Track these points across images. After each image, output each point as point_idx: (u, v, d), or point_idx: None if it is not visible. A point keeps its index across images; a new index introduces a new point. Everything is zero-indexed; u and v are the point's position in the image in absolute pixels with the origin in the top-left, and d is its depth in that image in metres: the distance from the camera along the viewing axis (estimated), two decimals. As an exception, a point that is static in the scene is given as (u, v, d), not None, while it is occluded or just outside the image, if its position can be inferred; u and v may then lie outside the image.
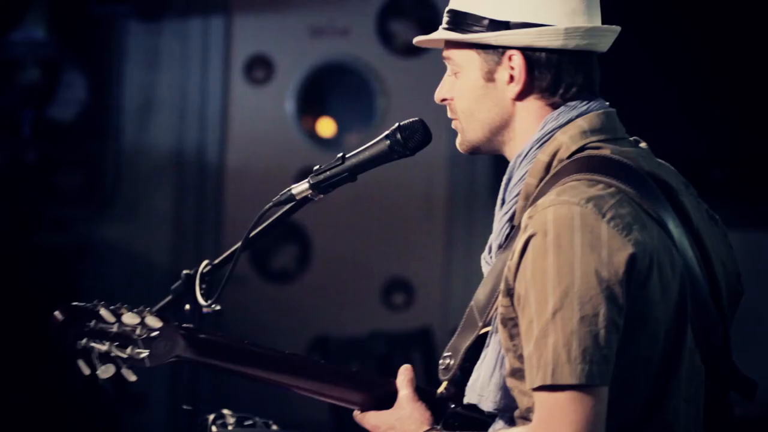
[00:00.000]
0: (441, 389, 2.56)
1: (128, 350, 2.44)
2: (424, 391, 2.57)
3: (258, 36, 7.16)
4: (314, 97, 7.26)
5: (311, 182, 2.73)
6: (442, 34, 2.49)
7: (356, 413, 2.58)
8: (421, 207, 7.14)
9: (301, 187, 2.74)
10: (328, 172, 2.72)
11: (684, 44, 6.65)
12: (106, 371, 2.46)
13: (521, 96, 2.43)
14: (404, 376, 2.57)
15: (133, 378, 2.47)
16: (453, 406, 2.53)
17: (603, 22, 2.47)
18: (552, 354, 2.21)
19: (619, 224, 2.26)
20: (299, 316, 7.10)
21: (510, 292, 2.31)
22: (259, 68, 7.16)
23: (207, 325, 2.95)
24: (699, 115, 6.72)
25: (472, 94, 2.47)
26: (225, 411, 3.13)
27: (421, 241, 7.14)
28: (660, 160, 2.48)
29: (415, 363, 6.73)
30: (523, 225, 2.32)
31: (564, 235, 2.24)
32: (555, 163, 2.38)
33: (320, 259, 7.20)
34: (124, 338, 2.45)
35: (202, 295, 2.93)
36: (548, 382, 2.21)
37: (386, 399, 2.56)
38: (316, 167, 2.74)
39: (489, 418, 2.46)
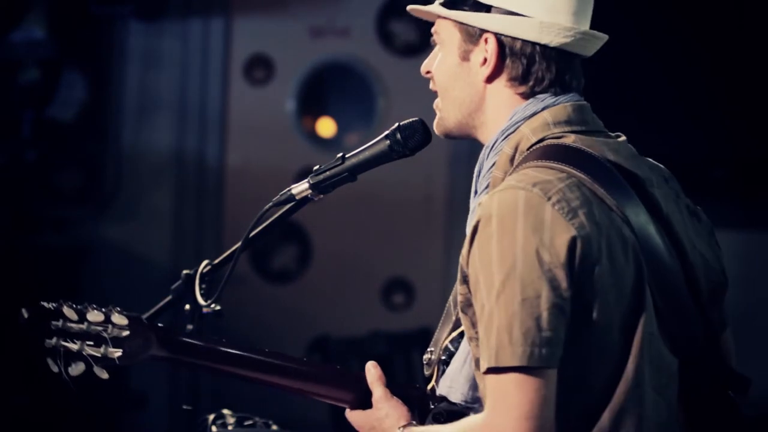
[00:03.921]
0: (431, 384, 2.57)
1: (101, 349, 2.43)
2: (399, 386, 2.58)
3: (258, 36, 7.16)
4: (314, 97, 7.26)
5: (311, 182, 2.74)
6: (432, 7, 2.54)
7: (347, 411, 2.60)
8: (421, 207, 7.14)
9: (301, 187, 2.75)
10: (328, 172, 2.73)
11: (684, 44, 6.65)
12: (75, 369, 2.44)
13: (491, 79, 2.47)
14: (372, 376, 2.57)
15: (105, 375, 2.45)
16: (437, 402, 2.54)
17: (600, 24, 2.49)
18: (496, 337, 2.23)
19: (564, 207, 2.28)
20: (299, 316, 7.10)
21: (465, 279, 2.34)
22: (259, 68, 7.16)
23: (207, 324, 2.96)
24: (699, 115, 6.72)
25: (449, 71, 2.52)
26: (225, 411, 3.13)
27: (421, 241, 7.15)
28: (643, 157, 2.49)
29: (415, 363, 6.74)
30: (474, 212, 2.35)
31: (508, 218, 2.26)
32: (517, 155, 2.42)
33: (320, 259, 7.20)
34: (94, 337, 2.44)
35: (202, 295, 2.93)
36: (492, 364, 2.22)
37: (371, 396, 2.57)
38: (316, 167, 2.75)
39: (465, 410, 2.48)
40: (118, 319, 2.44)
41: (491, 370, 2.23)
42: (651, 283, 2.33)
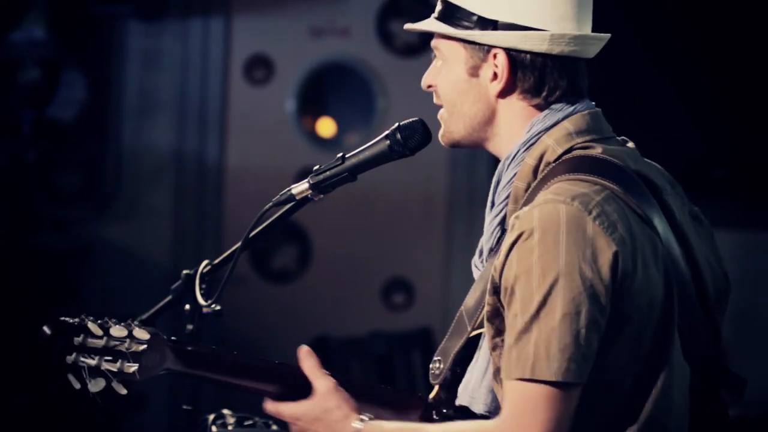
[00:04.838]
0: (433, 394, 2.56)
1: (118, 364, 2.42)
2: (400, 392, 2.57)
3: (258, 36, 7.16)
4: (314, 97, 7.26)
5: (311, 182, 2.73)
6: (431, 24, 2.50)
7: (267, 403, 2.50)
8: (421, 207, 7.14)
9: (301, 187, 2.74)
10: (328, 172, 2.72)
11: (684, 45, 6.65)
12: (96, 385, 2.43)
13: (503, 94, 2.45)
14: (310, 363, 2.48)
15: (123, 391, 2.43)
16: (445, 411, 2.53)
17: (600, 25, 2.48)
18: (533, 349, 2.22)
19: (605, 222, 2.27)
20: (299, 316, 7.09)
21: (496, 291, 2.32)
22: (259, 68, 7.16)
23: (207, 325, 2.96)
24: (699, 115, 6.72)
25: (456, 87, 2.48)
26: (225, 411, 3.13)
27: (421, 241, 7.14)
28: (647, 160, 2.49)
29: (415, 363, 6.73)
30: (510, 225, 2.34)
31: (550, 232, 2.25)
32: (542, 166, 2.40)
33: (320, 259, 7.20)
34: (113, 352, 2.43)
35: (202, 295, 2.93)
36: (526, 375, 2.22)
37: (302, 387, 2.49)
38: (316, 167, 2.74)
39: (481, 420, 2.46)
40: (140, 333, 2.44)
41: (522, 380, 2.23)
42: (675, 293, 2.34)
